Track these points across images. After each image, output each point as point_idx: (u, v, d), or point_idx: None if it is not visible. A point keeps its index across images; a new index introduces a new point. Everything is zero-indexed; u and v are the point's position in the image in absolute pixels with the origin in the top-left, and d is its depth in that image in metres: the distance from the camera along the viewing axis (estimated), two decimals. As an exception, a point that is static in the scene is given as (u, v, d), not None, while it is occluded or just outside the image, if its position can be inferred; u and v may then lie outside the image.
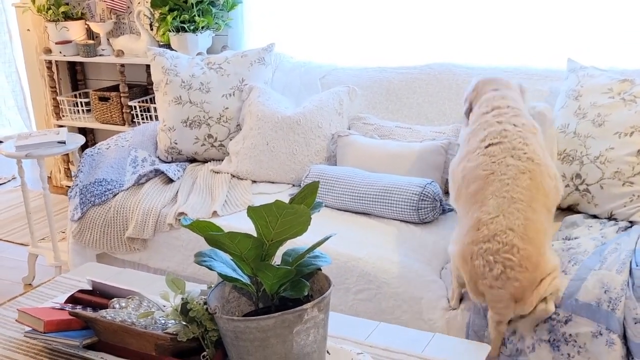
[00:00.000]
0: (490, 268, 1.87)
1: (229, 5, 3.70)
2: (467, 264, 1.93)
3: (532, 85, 2.77)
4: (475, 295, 1.95)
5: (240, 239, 1.49)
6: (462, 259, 1.95)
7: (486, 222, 1.91)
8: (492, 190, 1.95)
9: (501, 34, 3.14)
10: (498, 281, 1.86)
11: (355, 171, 2.66)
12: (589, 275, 1.96)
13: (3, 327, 1.88)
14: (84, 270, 2.26)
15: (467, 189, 2.03)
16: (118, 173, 2.95)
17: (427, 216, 2.46)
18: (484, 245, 1.89)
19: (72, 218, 2.89)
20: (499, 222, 1.89)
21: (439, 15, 3.27)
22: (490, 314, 1.94)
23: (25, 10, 4.23)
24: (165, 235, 2.72)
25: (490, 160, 2.01)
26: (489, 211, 1.92)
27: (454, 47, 3.24)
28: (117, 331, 1.64)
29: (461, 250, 1.96)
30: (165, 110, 3.11)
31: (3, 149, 3.18)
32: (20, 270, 3.51)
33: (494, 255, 1.87)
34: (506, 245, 1.86)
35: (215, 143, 3.09)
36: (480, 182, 1.99)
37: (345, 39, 3.54)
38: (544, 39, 3.04)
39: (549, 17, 3.01)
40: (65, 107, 4.31)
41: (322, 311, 1.51)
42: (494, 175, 1.98)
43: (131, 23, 4.09)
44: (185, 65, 3.16)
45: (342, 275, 2.31)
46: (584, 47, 2.91)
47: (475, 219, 1.94)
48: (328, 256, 1.62)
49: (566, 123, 2.50)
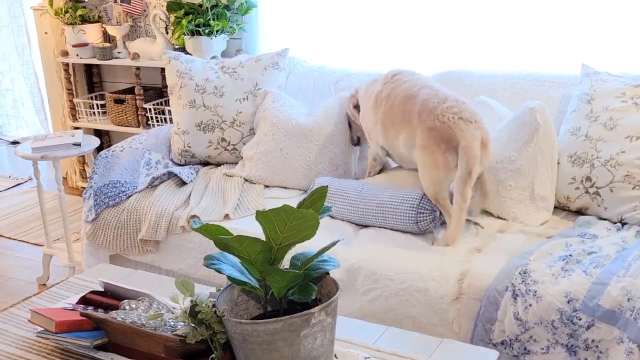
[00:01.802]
0: (455, 118, 2.30)
1: (244, 9, 3.72)
2: (436, 129, 2.31)
3: (544, 92, 2.76)
4: (450, 153, 2.27)
5: (249, 242, 1.51)
6: (431, 131, 2.32)
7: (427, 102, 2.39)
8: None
9: (513, 41, 3.14)
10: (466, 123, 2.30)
11: (358, 184, 2.66)
12: (612, 281, 1.95)
13: (16, 327, 1.91)
14: (97, 272, 2.28)
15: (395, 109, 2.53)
16: (132, 175, 2.99)
17: (427, 227, 2.44)
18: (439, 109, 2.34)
19: (86, 219, 2.93)
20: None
21: (452, 22, 3.27)
22: (458, 175, 2.26)
23: (43, 13, 4.28)
24: (178, 237, 2.74)
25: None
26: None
27: (465, 54, 3.25)
28: (127, 332, 1.67)
29: (426, 122, 2.35)
30: (180, 113, 3.14)
31: (19, 151, 3.23)
32: (35, 270, 3.55)
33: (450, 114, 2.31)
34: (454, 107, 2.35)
35: (228, 147, 3.11)
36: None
37: (359, 44, 3.55)
38: (556, 46, 3.04)
39: (562, 24, 3.01)
40: (81, 109, 4.36)
41: (330, 315, 1.52)
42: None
43: (147, 26, 4.13)
44: (199, 69, 3.19)
45: (349, 277, 2.32)
46: (597, 54, 2.90)
47: (420, 104, 2.40)
48: (336, 260, 1.63)
49: (577, 126, 2.50)
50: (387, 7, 3.43)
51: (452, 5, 3.25)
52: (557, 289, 1.97)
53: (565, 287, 1.97)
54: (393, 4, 3.41)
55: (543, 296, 1.98)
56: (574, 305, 1.94)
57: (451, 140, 2.29)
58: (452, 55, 3.29)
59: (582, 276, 1.98)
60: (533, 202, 2.45)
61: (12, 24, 5.81)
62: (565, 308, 1.94)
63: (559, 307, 1.95)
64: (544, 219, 2.44)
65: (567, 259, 2.08)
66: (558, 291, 1.97)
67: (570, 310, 1.94)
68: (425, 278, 2.21)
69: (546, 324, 1.97)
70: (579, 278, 1.98)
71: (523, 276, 2.04)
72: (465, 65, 3.13)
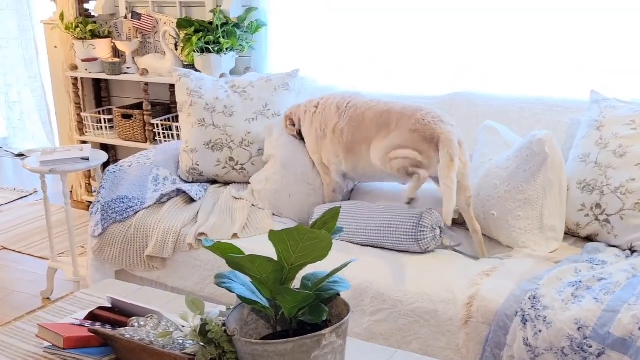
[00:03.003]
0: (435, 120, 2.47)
1: (254, 28, 3.75)
2: (418, 131, 2.45)
3: (553, 117, 2.77)
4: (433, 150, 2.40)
5: (260, 262, 1.51)
6: (413, 133, 2.45)
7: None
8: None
9: (522, 64, 3.14)
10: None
11: (357, 204, 2.67)
12: (623, 309, 1.93)
13: (22, 342, 1.90)
14: (103, 287, 2.28)
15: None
16: (139, 191, 2.98)
17: (428, 245, 2.43)
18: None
19: (92, 234, 2.92)
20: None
21: (461, 44, 3.29)
22: (441, 164, 2.35)
23: (54, 27, 4.32)
24: (185, 255, 2.74)
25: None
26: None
27: (475, 77, 3.25)
28: (135, 350, 1.66)
29: (407, 125, 2.48)
30: (189, 131, 3.14)
31: (27, 164, 3.23)
32: (38, 283, 3.54)
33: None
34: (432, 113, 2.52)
35: (236, 166, 3.11)
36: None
37: (368, 64, 3.56)
38: (566, 71, 3.04)
39: (572, 50, 3.02)
40: (88, 124, 4.37)
41: (340, 337, 1.51)
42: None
43: (156, 42, 4.15)
44: (209, 87, 3.20)
45: (356, 297, 2.31)
46: (606, 80, 2.91)
47: (398, 113, 2.55)
48: (347, 282, 1.63)
49: (587, 152, 2.50)
50: (397, 28, 3.45)
51: (462, 28, 3.27)
52: (567, 315, 1.96)
53: (575, 314, 1.96)
54: (403, 25, 3.43)
55: (553, 322, 1.97)
56: (584, 332, 1.92)
57: (433, 138, 2.43)
58: (460, 77, 3.30)
59: (592, 303, 1.97)
60: (542, 232, 2.45)
61: (21, 37, 5.86)
62: (575, 335, 1.93)
63: (569, 333, 1.94)
64: (553, 249, 2.43)
65: (577, 284, 2.07)
66: (568, 317, 1.96)
67: (580, 337, 1.92)
68: (434, 300, 2.20)
69: (556, 350, 1.95)
70: (589, 305, 1.97)
71: (533, 301, 2.03)
72: (473, 87, 3.14)
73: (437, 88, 3.22)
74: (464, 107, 2.98)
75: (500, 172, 2.52)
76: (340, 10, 3.59)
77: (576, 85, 2.97)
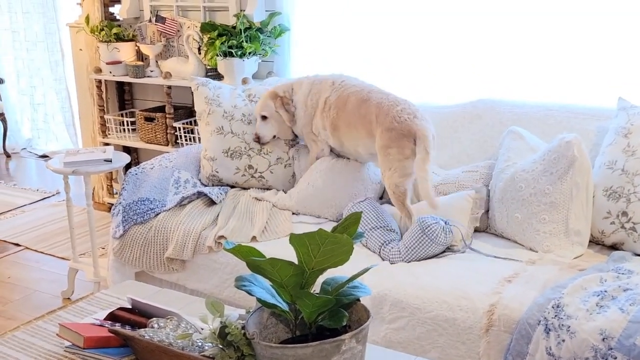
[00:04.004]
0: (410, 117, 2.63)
1: (277, 33, 3.75)
2: (395, 129, 2.62)
3: (578, 124, 2.73)
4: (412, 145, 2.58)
5: (281, 265, 1.50)
6: (391, 131, 2.63)
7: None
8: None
9: (547, 71, 3.11)
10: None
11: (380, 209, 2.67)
12: None
13: (43, 341, 1.91)
14: (124, 288, 2.28)
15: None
16: (161, 193, 3.00)
17: (437, 237, 2.45)
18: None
19: (113, 235, 2.94)
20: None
21: (485, 51, 3.26)
22: (418, 157, 2.54)
23: (79, 30, 4.36)
24: (204, 257, 2.74)
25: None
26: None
27: (498, 84, 3.23)
28: (154, 351, 1.66)
29: (385, 123, 2.65)
30: (207, 140, 3.15)
31: (51, 165, 3.26)
32: (60, 283, 3.57)
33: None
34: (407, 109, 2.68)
35: (255, 174, 3.11)
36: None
37: (391, 70, 3.55)
38: (591, 77, 3.01)
39: (598, 56, 2.98)
40: (111, 126, 4.41)
41: (360, 342, 1.50)
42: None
43: (180, 46, 4.18)
44: (227, 95, 3.20)
45: (375, 305, 2.29)
46: (633, 87, 2.87)
47: (375, 107, 2.72)
48: (368, 287, 1.61)
49: (614, 159, 2.47)
50: (420, 33, 3.43)
51: (484, 33, 3.24)
52: (591, 325, 1.93)
53: (600, 324, 1.92)
54: (426, 30, 3.42)
55: (577, 332, 1.93)
56: (609, 343, 1.89)
57: (409, 134, 2.60)
58: (483, 84, 3.27)
59: (618, 313, 1.93)
60: (567, 237, 2.42)
61: (47, 39, 5.93)
62: (600, 346, 1.90)
63: (593, 344, 1.90)
64: (578, 254, 2.40)
65: (602, 294, 2.04)
66: (593, 328, 1.92)
67: (605, 348, 1.89)
68: (452, 308, 2.18)
69: (579, 361, 1.92)
70: (614, 315, 1.93)
71: (556, 310, 2.00)
72: (496, 94, 3.11)
73: (459, 95, 3.19)
74: (486, 115, 2.95)
75: (525, 175, 2.49)
76: (363, 14, 3.58)
77: (602, 92, 2.94)
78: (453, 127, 3.01)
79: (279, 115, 3.01)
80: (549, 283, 2.17)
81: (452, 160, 2.96)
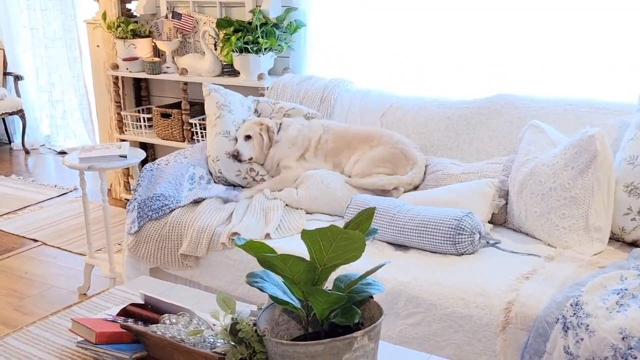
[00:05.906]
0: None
1: (293, 28, 3.73)
2: (398, 150, 2.93)
3: (599, 119, 2.68)
4: (408, 164, 2.91)
5: (293, 261, 1.48)
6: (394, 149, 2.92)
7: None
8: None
9: (567, 66, 3.07)
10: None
11: (396, 203, 2.62)
12: None
13: (56, 336, 1.91)
14: (137, 284, 2.28)
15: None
16: (176, 189, 2.99)
17: (466, 249, 2.39)
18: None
19: (128, 231, 2.94)
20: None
21: (502, 45, 3.22)
22: (407, 182, 2.84)
23: (96, 27, 4.37)
24: (218, 254, 2.73)
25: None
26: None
27: (516, 78, 3.18)
28: (166, 347, 1.65)
29: (389, 143, 2.94)
30: (212, 141, 3.15)
31: (67, 161, 3.27)
32: (76, 279, 3.58)
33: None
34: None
35: (257, 177, 3.12)
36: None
37: (407, 65, 3.52)
38: (612, 72, 2.96)
39: (618, 51, 2.93)
40: (128, 122, 4.42)
41: (373, 340, 1.47)
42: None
43: (196, 42, 4.17)
44: (238, 105, 3.24)
45: (390, 300, 2.27)
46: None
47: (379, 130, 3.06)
48: (381, 284, 1.59)
49: (635, 155, 2.42)
50: (437, 29, 3.40)
51: (501, 29, 3.20)
52: (611, 324, 1.89)
53: (620, 323, 1.88)
54: (443, 27, 3.38)
55: (596, 331, 1.89)
56: (629, 342, 1.85)
57: (409, 159, 2.90)
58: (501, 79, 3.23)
59: (638, 312, 1.89)
60: (587, 233, 2.37)
61: (65, 36, 5.96)
62: (619, 345, 1.85)
63: (612, 343, 1.86)
64: (598, 251, 2.36)
65: (622, 292, 1.99)
66: (612, 326, 1.88)
67: (625, 347, 1.85)
68: (469, 304, 2.15)
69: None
70: (635, 314, 1.89)
71: (575, 308, 1.96)
72: (514, 89, 3.06)
73: (477, 90, 3.15)
74: (505, 110, 2.91)
75: (546, 169, 2.45)
76: (379, 10, 3.55)
77: (622, 87, 2.89)
78: (471, 124, 2.96)
79: (261, 139, 3.08)
80: (567, 280, 2.13)
81: (470, 158, 2.93)
